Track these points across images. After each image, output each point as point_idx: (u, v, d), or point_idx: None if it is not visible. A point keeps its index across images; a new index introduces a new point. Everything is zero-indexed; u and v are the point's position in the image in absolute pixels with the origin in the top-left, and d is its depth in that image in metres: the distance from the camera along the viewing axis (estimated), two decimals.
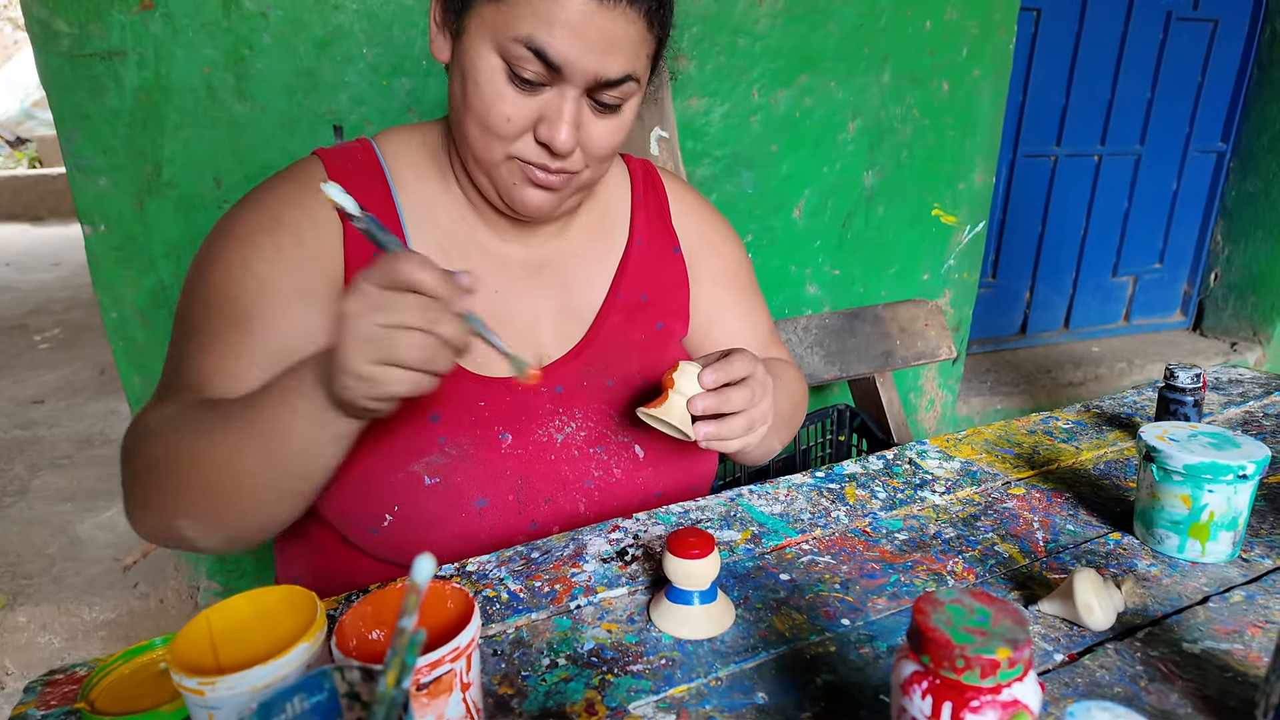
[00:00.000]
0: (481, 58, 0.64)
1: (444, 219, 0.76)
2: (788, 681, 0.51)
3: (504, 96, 0.64)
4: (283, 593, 0.50)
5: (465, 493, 0.70)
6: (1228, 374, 1.00)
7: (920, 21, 1.66)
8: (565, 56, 0.62)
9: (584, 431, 0.76)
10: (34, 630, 1.47)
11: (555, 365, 0.77)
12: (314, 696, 0.37)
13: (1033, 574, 0.62)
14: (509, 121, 0.65)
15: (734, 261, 0.91)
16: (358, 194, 0.73)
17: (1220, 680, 0.50)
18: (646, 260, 0.85)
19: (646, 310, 0.84)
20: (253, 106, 1.29)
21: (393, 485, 0.68)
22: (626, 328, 0.82)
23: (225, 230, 0.70)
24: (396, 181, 0.75)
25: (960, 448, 0.83)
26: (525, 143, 0.67)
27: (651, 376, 0.80)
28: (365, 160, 0.75)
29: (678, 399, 0.64)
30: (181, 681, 0.43)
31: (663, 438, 0.75)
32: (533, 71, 0.63)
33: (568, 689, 0.51)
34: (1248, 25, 2.36)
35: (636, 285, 0.83)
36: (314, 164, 0.74)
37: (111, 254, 1.30)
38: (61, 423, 2.25)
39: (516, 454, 0.72)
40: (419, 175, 0.76)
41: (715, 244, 0.90)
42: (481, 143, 0.67)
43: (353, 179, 0.73)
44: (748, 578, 0.63)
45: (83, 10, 1.18)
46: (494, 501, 0.70)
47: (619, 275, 0.83)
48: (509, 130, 0.66)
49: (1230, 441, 0.62)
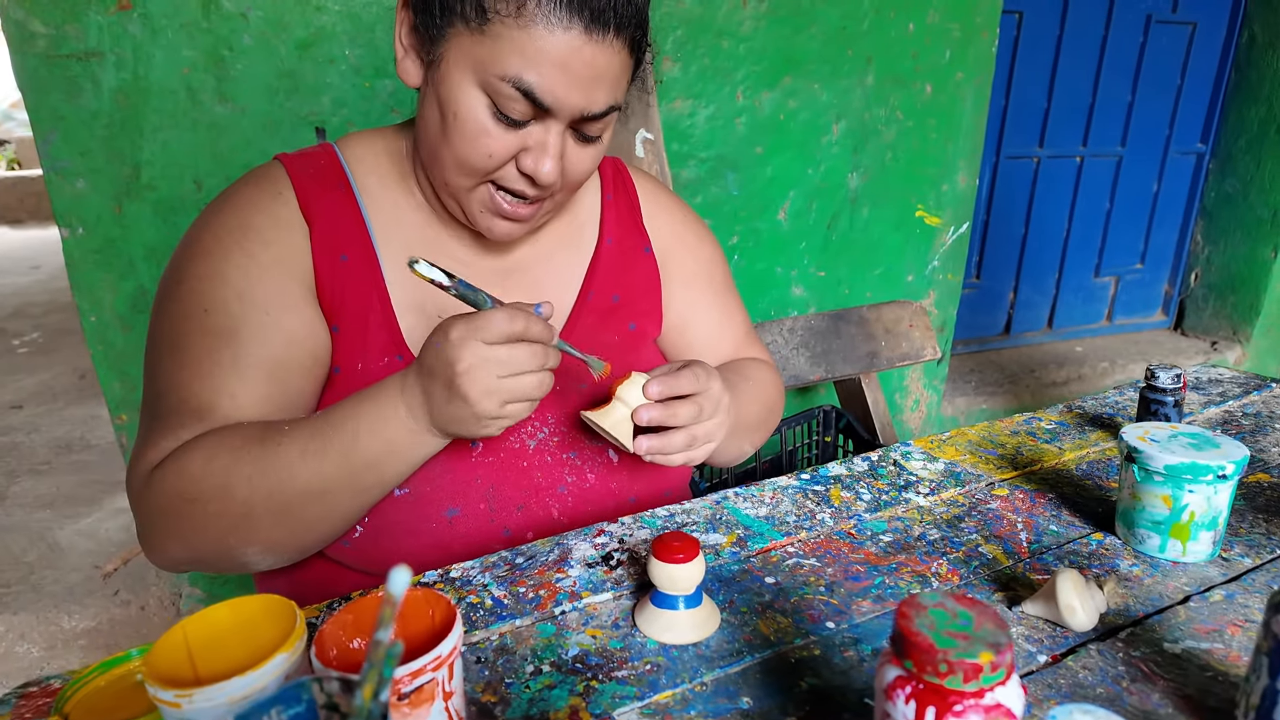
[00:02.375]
0: (462, 90, 0.63)
1: (409, 225, 0.75)
2: (772, 686, 0.51)
3: (488, 132, 0.63)
4: (262, 602, 0.49)
5: (435, 502, 0.69)
6: (1208, 374, 1.01)
7: (903, 24, 1.67)
8: (554, 96, 0.61)
9: (557, 437, 0.75)
10: (12, 640, 1.45)
11: None
12: (292, 708, 0.37)
13: (1016, 575, 0.62)
14: (491, 157, 0.65)
15: (708, 261, 0.90)
16: (325, 199, 0.72)
17: (1201, 680, 0.50)
18: (617, 260, 0.84)
19: (618, 311, 0.83)
20: (233, 108, 1.28)
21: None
22: (599, 330, 0.81)
23: (193, 243, 0.69)
24: (360, 187, 0.75)
25: (944, 449, 0.83)
26: (506, 171, 0.66)
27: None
28: (328, 165, 0.74)
29: (620, 407, 0.64)
30: (157, 694, 0.42)
31: None
32: (517, 110, 0.62)
33: (551, 696, 0.51)
34: (1226, 27, 2.39)
35: (608, 286, 0.82)
36: (275, 168, 0.73)
37: (90, 257, 1.28)
38: (40, 428, 2.22)
39: (487, 462, 0.71)
40: (382, 181, 0.75)
41: (688, 244, 0.89)
42: (457, 173, 0.67)
43: (315, 183, 0.72)
44: (733, 581, 0.62)
45: (59, 11, 1.16)
46: (465, 510, 0.70)
47: (589, 276, 0.82)
48: (490, 165, 0.65)
49: (1210, 442, 0.62)
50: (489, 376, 0.57)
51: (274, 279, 0.68)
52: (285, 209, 0.70)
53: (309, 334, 0.69)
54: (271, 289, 0.68)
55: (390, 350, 0.71)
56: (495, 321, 0.57)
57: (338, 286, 0.71)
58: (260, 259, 0.68)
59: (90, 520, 1.76)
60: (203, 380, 0.65)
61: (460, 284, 0.58)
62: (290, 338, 0.67)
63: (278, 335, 0.67)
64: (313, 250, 0.70)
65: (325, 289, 0.70)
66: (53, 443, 2.14)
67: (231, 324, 0.66)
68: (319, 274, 0.70)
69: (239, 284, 0.67)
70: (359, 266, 0.72)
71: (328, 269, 0.70)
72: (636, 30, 0.64)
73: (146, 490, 0.64)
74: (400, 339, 0.71)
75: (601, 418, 0.64)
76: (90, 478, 1.94)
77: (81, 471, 1.98)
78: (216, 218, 0.70)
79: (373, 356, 0.70)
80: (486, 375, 0.57)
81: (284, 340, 0.67)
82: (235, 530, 0.62)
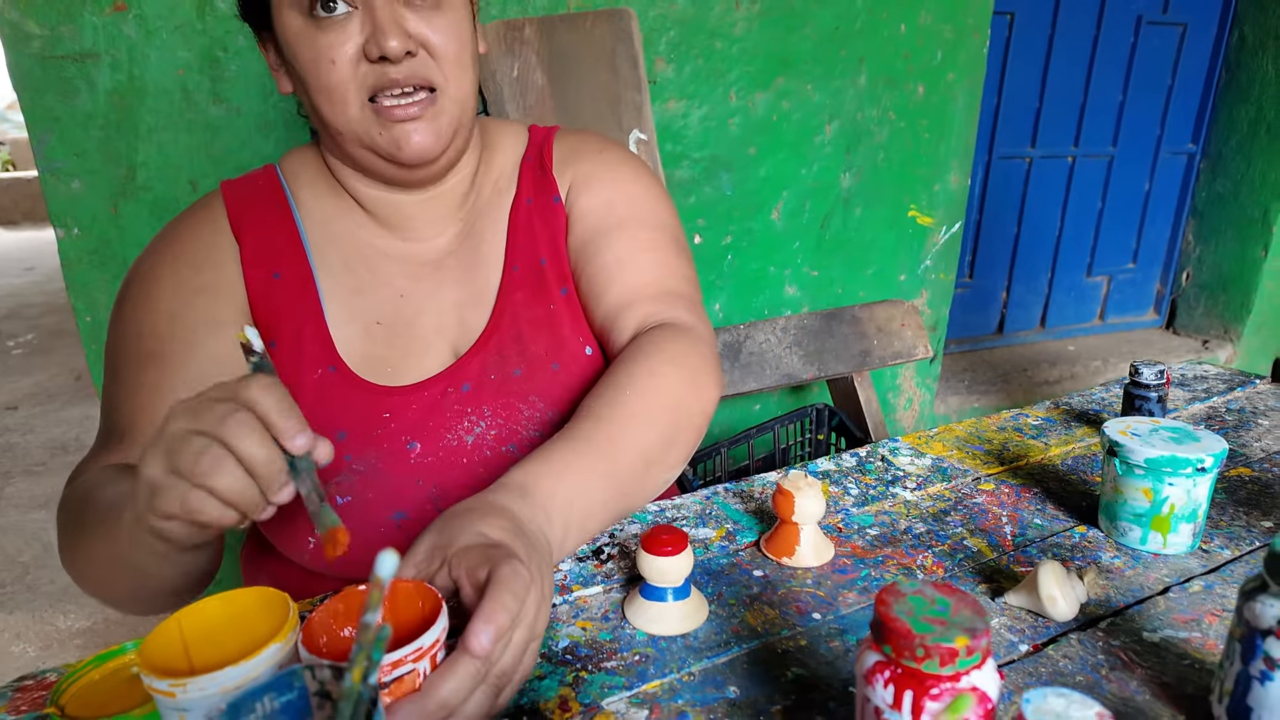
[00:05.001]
0: (287, 29, 0.65)
1: (341, 231, 0.76)
2: (759, 675, 0.52)
3: (318, 45, 0.64)
4: (256, 594, 0.50)
5: (379, 508, 0.69)
6: (1193, 370, 1.02)
7: (895, 25, 1.68)
8: None
9: (494, 430, 0.72)
10: (8, 639, 1.46)
11: (462, 361, 0.73)
12: (284, 695, 0.38)
13: (1000, 567, 0.63)
14: (334, 64, 0.64)
15: (617, 195, 0.77)
16: (260, 222, 0.74)
17: (1178, 667, 0.51)
18: (534, 220, 0.77)
19: (547, 275, 0.76)
20: (228, 109, 1.28)
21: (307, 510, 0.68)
22: (530, 303, 0.75)
23: (134, 271, 0.73)
24: (297, 201, 0.76)
25: (932, 445, 0.84)
26: (364, 75, 0.65)
27: (559, 356, 0.74)
28: (267, 185, 0.77)
29: (809, 531, 0.63)
30: (152, 684, 0.43)
31: None
32: None
33: (541, 686, 0.52)
34: (1216, 28, 2.41)
35: (532, 250, 0.77)
36: (214, 196, 0.76)
37: (85, 257, 1.28)
38: (36, 429, 2.22)
39: (427, 462, 0.70)
40: (314, 193, 0.77)
41: (592, 177, 0.78)
42: (331, 108, 0.66)
43: (248, 205, 0.75)
44: (721, 574, 0.63)
45: (54, 12, 1.17)
46: (412, 513, 0.69)
47: (510, 243, 0.77)
48: (341, 74, 0.64)
49: (1190, 435, 0.63)
50: (176, 427, 0.47)
51: (203, 302, 0.70)
52: (218, 234, 0.73)
53: (233, 359, 0.70)
54: (200, 312, 0.70)
55: (322, 362, 0.71)
56: (239, 381, 0.48)
57: (272, 303, 0.72)
58: (191, 283, 0.70)
59: None
60: (129, 401, 0.68)
61: (265, 360, 0.52)
62: (216, 358, 0.69)
63: (204, 356, 0.69)
64: (244, 270, 0.72)
65: (259, 307, 0.72)
66: (48, 443, 2.14)
67: (159, 347, 0.68)
68: (251, 293, 0.72)
69: (169, 308, 0.69)
70: (292, 282, 0.73)
71: (260, 287, 0.72)
72: None
73: (59, 504, 0.67)
74: (332, 350, 0.71)
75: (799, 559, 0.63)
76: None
77: None
78: (156, 246, 0.73)
79: (307, 370, 0.71)
80: (175, 426, 0.47)
81: (210, 361, 0.69)
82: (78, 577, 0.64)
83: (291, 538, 0.69)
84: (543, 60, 1.38)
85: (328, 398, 0.70)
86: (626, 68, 1.40)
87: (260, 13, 0.68)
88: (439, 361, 0.75)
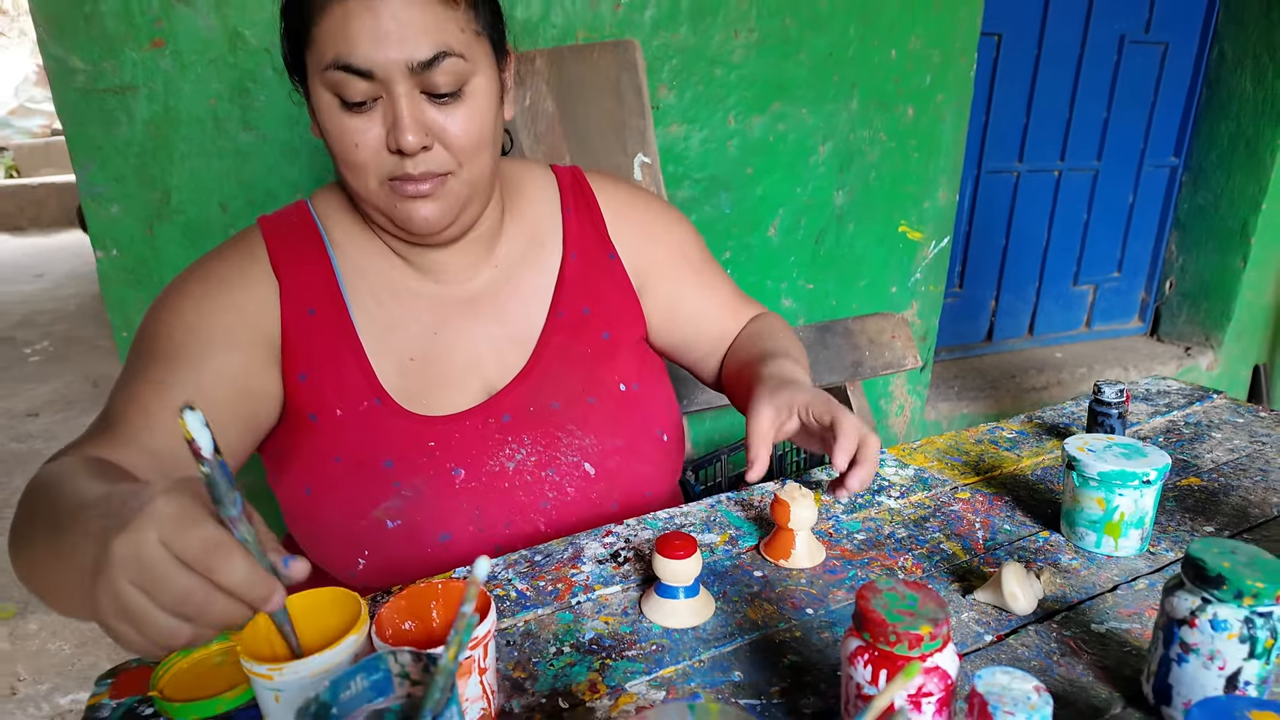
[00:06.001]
0: (319, 101, 0.68)
1: (373, 270, 0.80)
2: (760, 662, 0.60)
3: (345, 126, 0.68)
4: (330, 593, 0.58)
5: (427, 531, 0.74)
6: (1157, 385, 1.11)
7: (886, 51, 1.76)
8: (368, 58, 0.64)
9: (534, 456, 0.78)
10: (45, 637, 1.53)
11: (501, 394, 0.80)
12: (372, 675, 0.46)
13: (971, 568, 0.71)
14: (357, 148, 0.68)
15: (680, 244, 0.92)
16: (297, 258, 0.77)
17: (1119, 654, 0.60)
18: (583, 272, 0.85)
19: (590, 323, 0.84)
20: (256, 136, 1.36)
21: (358, 534, 0.73)
22: (570, 346, 0.83)
23: (170, 287, 0.76)
24: (331, 240, 0.79)
25: (915, 456, 0.92)
26: (384, 160, 0.69)
27: (599, 393, 0.82)
28: (301, 224, 0.80)
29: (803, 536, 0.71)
30: (252, 668, 0.51)
31: (609, 454, 0.81)
32: (354, 90, 0.66)
33: (573, 672, 0.60)
34: (1197, 47, 2.50)
35: (577, 300, 0.84)
36: (253, 232, 0.79)
37: (122, 276, 1.36)
38: (58, 435, 2.29)
39: (470, 487, 0.76)
40: (347, 232, 0.80)
41: (658, 236, 0.90)
42: (352, 178, 0.71)
43: (287, 243, 0.78)
44: (726, 574, 0.72)
45: (97, 48, 1.25)
46: (456, 535, 0.75)
47: (558, 293, 0.84)
48: (363, 156, 0.68)
49: (1139, 451, 0.72)
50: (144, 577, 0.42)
51: (224, 318, 0.73)
52: (257, 267, 0.76)
53: (244, 375, 0.73)
54: (218, 327, 0.73)
55: (368, 394, 0.76)
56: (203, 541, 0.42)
57: (307, 339, 0.76)
58: (217, 300, 0.74)
59: None
60: (128, 391, 0.70)
61: (220, 466, 0.44)
62: (222, 372, 0.72)
63: (210, 369, 0.71)
64: (282, 306, 0.76)
65: (291, 341, 0.76)
66: None
67: (171, 350, 0.71)
68: (285, 328, 0.76)
69: (190, 317, 0.73)
70: (328, 318, 0.77)
71: (294, 323, 0.76)
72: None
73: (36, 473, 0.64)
74: (376, 383, 0.77)
75: (795, 561, 0.71)
76: None
77: None
78: (193, 267, 0.77)
79: (351, 402, 0.76)
80: (142, 575, 0.42)
81: (214, 373, 0.71)
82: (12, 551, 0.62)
83: (341, 560, 0.75)
84: (552, 89, 1.46)
85: (376, 429, 0.76)
86: (631, 95, 1.48)
87: (298, 68, 0.72)
88: (470, 396, 0.80)
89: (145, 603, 0.43)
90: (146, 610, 0.43)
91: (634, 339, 0.88)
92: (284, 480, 0.78)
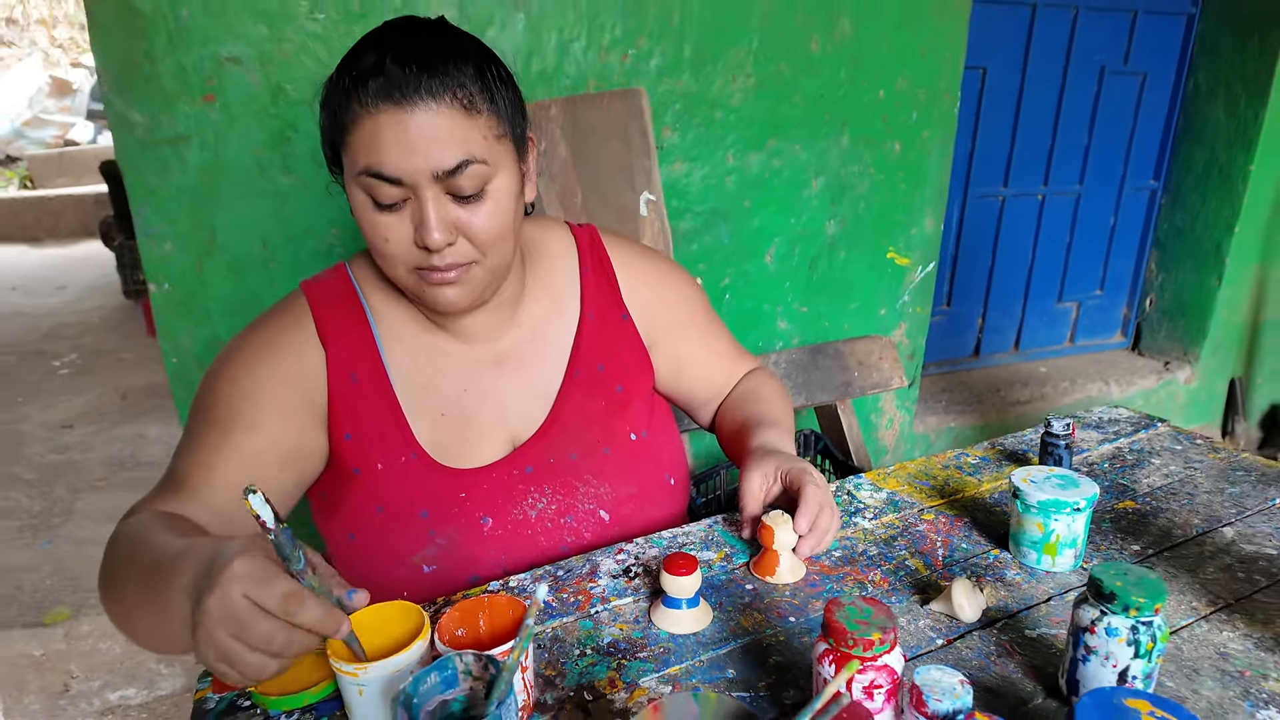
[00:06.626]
0: (354, 198, 0.76)
1: (408, 334, 0.88)
2: (750, 662, 0.73)
3: (376, 222, 0.75)
4: (396, 607, 0.70)
5: (459, 573, 0.85)
6: (1109, 414, 1.23)
7: (874, 91, 1.89)
8: (397, 167, 0.71)
9: (554, 505, 0.88)
10: (96, 638, 1.66)
11: (524, 447, 0.89)
12: (443, 673, 0.59)
13: (930, 582, 0.84)
14: (388, 241, 0.75)
15: (687, 304, 1.02)
16: (339, 324, 0.85)
17: (1046, 655, 0.72)
18: (599, 330, 0.94)
19: (604, 378, 0.93)
20: (295, 179, 1.49)
21: (398, 578, 0.84)
22: (586, 401, 0.91)
23: (225, 353, 0.85)
24: (370, 307, 0.87)
25: (888, 480, 1.05)
26: (412, 253, 0.76)
27: (612, 444, 0.92)
28: (342, 290, 0.88)
29: (785, 556, 0.83)
30: (341, 667, 0.63)
31: (623, 500, 0.92)
32: (385, 194, 0.73)
33: (594, 670, 0.72)
34: (1173, 78, 2.62)
35: (593, 357, 0.93)
36: (299, 299, 0.87)
37: (174, 308, 1.49)
38: (93, 447, 2.42)
39: (498, 534, 0.86)
40: (385, 298, 0.88)
41: (667, 297, 1.00)
42: (384, 266, 0.79)
43: (331, 311, 0.86)
44: (722, 588, 0.84)
45: (155, 103, 1.38)
46: (484, 575, 0.86)
47: (575, 352, 0.92)
48: (394, 249, 0.76)
49: (1073, 482, 0.84)
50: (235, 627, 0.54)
51: (277, 387, 0.82)
52: (305, 335, 0.85)
53: (296, 437, 0.82)
54: (271, 396, 0.81)
55: (404, 450, 0.85)
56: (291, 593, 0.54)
57: (350, 402, 0.85)
58: (269, 368, 0.82)
59: None
60: (193, 455, 0.79)
61: (284, 532, 0.56)
62: (274, 437, 0.81)
63: (261, 436, 0.80)
64: (328, 372, 0.84)
65: (336, 404, 0.85)
66: (107, 460, 2.35)
67: (230, 416, 0.80)
68: (331, 392, 0.84)
69: (247, 386, 0.81)
70: (370, 382, 0.85)
71: (339, 387, 0.84)
72: (459, 90, 0.72)
73: (117, 527, 0.76)
74: (412, 439, 0.86)
75: (779, 577, 0.83)
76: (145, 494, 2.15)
77: (137, 487, 2.18)
78: (250, 334, 0.86)
79: (390, 457, 0.85)
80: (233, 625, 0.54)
81: (268, 438, 0.80)
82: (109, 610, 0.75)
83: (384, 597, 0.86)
84: (566, 134, 1.58)
85: (411, 481, 0.85)
86: (638, 138, 1.61)
87: (336, 161, 0.79)
88: (496, 449, 0.89)
89: (238, 647, 0.54)
90: (240, 653, 0.54)
91: (645, 390, 0.98)
92: (331, 524, 0.89)
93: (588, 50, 1.61)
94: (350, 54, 0.74)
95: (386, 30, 0.75)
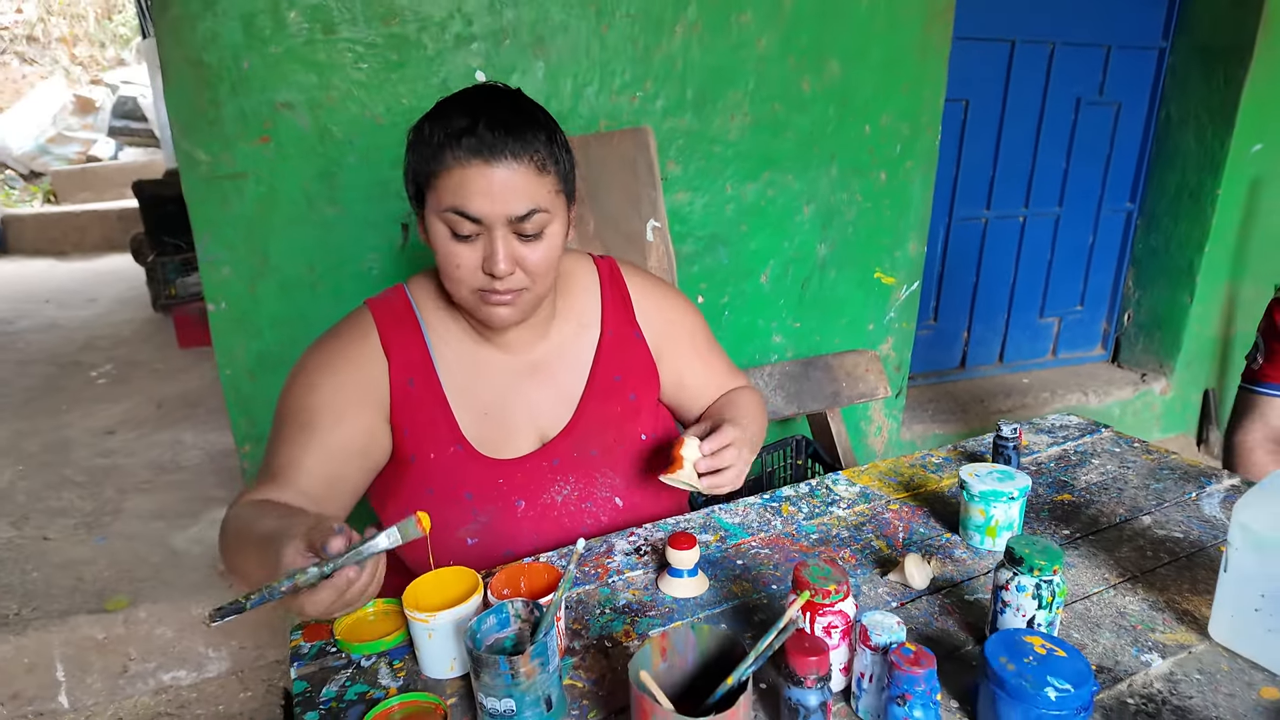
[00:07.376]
0: (435, 228, 0.91)
1: (457, 346, 1.03)
2: (739, 620, 0.90)
3: (451, 251, 0.91)
4: (452, 571, 0.87)
5: (496, 547, 1.00)
6: (1060, 420, 1.40)
7: (861, 127, 2.07)
8: (480, 210, 0.87)
9: (576, 492, 1.04)
10: (152, 623, 1.83)
11: (552, 443, 1.04)
12: (500, 616, 0.75)
13: (890, 558, 1.00)
14: (459, 268, 0.91)
15: (690, 329, 1.17)
16: (399, 337, 1.00)
17: (978, 613, 0.89)
18: (616, 347, 1.09)
19: (620, 388, 1.08)
20: (340, 210, 1.66)
21: (445, 549, 0.99)
22: (604, 406, 1.06)
23: (303, 362, 1.00)
24: (425, 322, 1.03)
25: (862, 477, 1.22)
26: (477, 277, 0.92)
27: (626, 443, 1.08)
28: (401, 309, 1.03)
29: (687, 465, 0.95)
30: (414, 614, 0.80)
31: (638, 490, 1.08)
32: (464, 228, 0.88)
33: (613, 625, 0.89)
34: (1146, 107, 2.80)
35: (610, 369, 1.08)
36: (364, 315, 1.02)
37: (230, 325, 1.66)
38: (136, 451, 2.60)
39: (530, 515, 1.01)
40: (438, 315, 1.03)
41: (673, 321, 1.15)
42: (451, 287, 0.94)
43: (393, 325, 1.01)
44: (717, 562, 1.01)
45: (216, 143, 1.55)
46: (517, 550, 1.01)
47: (596, 364, 1.07)
48: (464, 274, 0.91)
49: (1009, 475, 1.01)
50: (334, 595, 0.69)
51: (353, 390, 0.97)
52: (370, 347, 1.00)
53: (365, 436, 0.97)
54: (345, 401, 0.97)
55: (452, 442, 1.00)
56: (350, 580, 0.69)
57: (408, 404, 1.00)
58: (345, 376, 0.98)
59: (197, 529, 2.13)
60: (285, 453, 0.94)
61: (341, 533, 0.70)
62: (349, 435, 0.96)
63: (341, 433, 0.96)
64: (390, 379, 0.99)
65: (397, 405, 1.00)
66: (149, 464, 2.52)
67: (312, 420, 0.95)
68: (393, 395, 0.99)
69: (326, 390, 0.97)
70: (424, 386, 1.01)
71: (401, 393, 1.00)
72: (535, 153, 0.88)
73: (223, 522, 0.92)
74: (459, 433, 1.01)
75: (678, 478, 0.95)
76: (188, 494, 2.31)
77: (180, 489, 2.35)
78: (325, 344, 1.01)
79: (441, 447, 1.00)
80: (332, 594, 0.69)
81: (344, 437, 0.96)
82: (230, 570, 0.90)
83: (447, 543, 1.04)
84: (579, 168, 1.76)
85: (458, 468, 1.00)
86: (645, 171, 1.79)
87: (418, 196, 0.95)
88: (529, 443, 1.04)
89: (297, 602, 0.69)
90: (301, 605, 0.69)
91: (653, 399, 1.13)
92: (388, 506, 1.05)
93: (600, 93, 1.79)
94: (440, 112, 0.90)
95: (475, 96, 0.91)
